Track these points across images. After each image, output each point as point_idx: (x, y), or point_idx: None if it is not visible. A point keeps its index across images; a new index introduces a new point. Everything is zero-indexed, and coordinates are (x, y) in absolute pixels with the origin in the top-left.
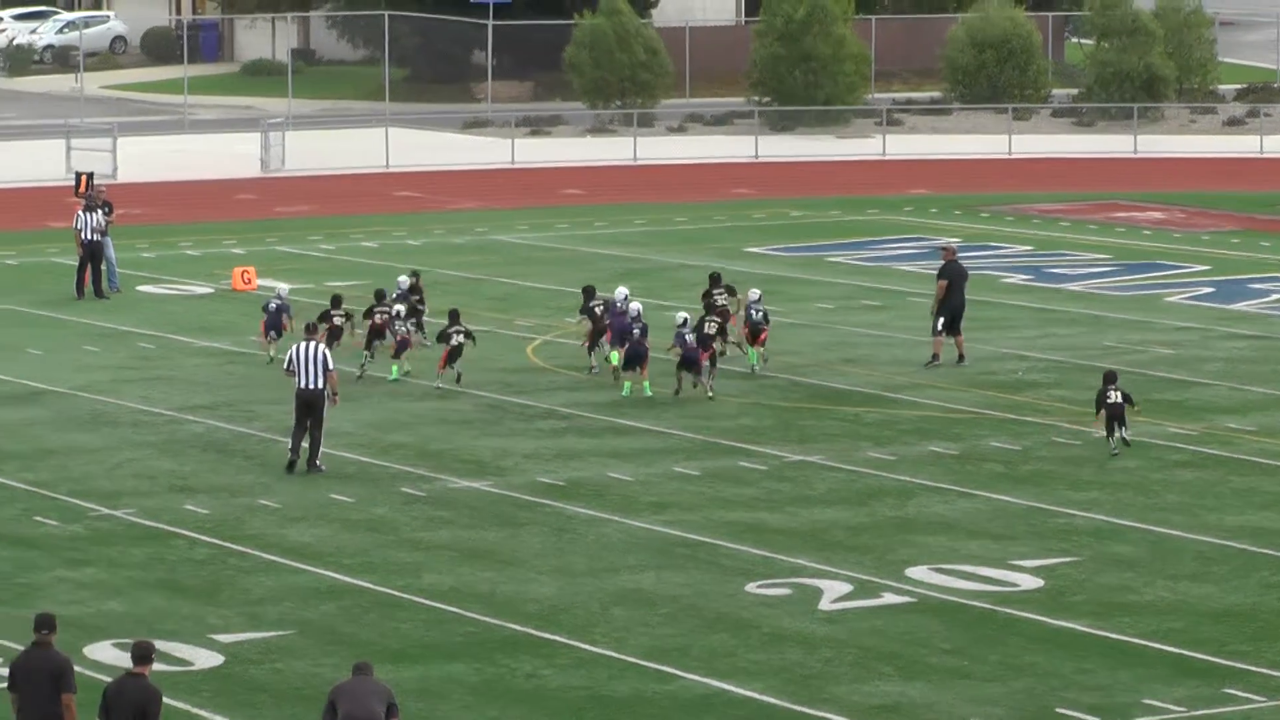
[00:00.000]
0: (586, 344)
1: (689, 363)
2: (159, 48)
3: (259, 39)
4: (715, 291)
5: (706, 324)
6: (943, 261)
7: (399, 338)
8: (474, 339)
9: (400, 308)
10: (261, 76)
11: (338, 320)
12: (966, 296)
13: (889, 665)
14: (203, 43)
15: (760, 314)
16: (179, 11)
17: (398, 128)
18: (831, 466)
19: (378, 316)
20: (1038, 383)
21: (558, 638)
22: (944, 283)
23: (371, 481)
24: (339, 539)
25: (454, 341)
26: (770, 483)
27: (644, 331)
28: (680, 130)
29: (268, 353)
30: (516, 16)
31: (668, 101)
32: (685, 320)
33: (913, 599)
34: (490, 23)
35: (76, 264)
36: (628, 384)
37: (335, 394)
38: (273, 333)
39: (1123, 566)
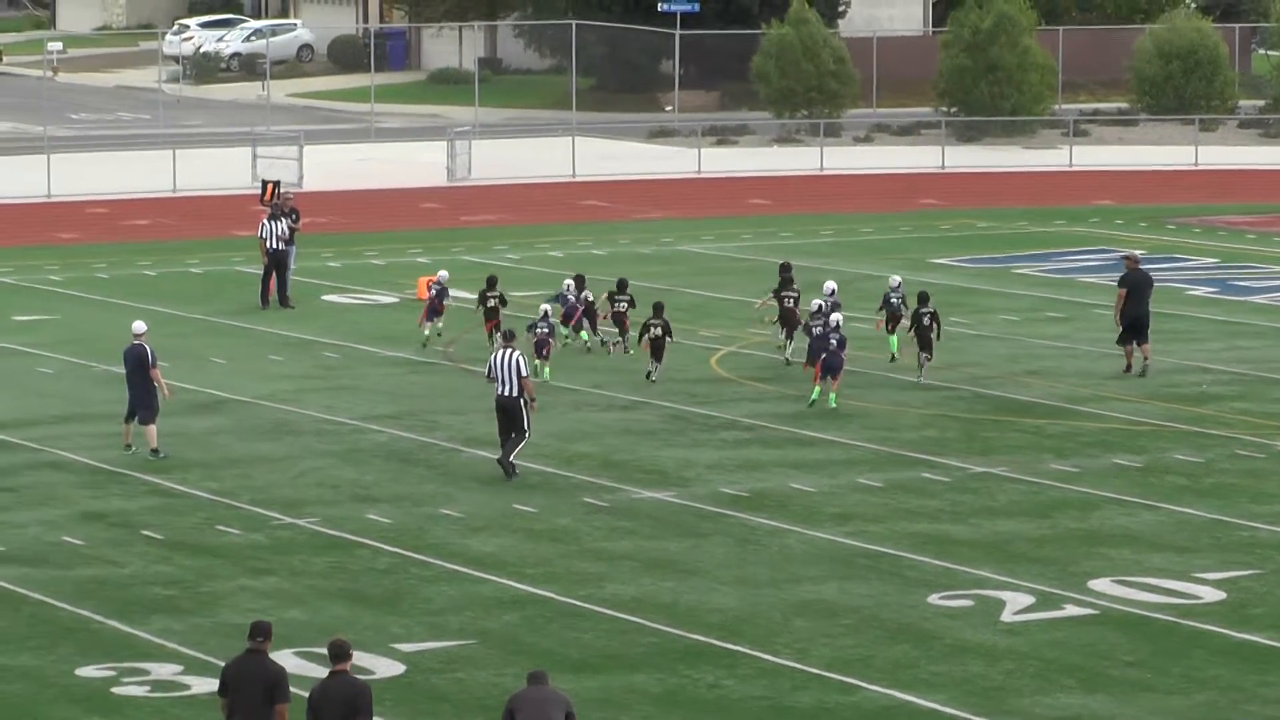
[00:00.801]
0: (777, 328)
1: (828, 366)
2: (345, 56)
3: (446, 47)
4: (787, 295)
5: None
6: (1125, 269)
7: (538, 337)
8: (670, 334)
9: (546, 307)
10: (448, 85)
11: (491, 302)
12: (1151, 306)
13: (1071, 678)
14: (389, 51)
15: (899, 300)
16: (366, 20)
17: (584, 137)
18: (1014, 478)
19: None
20: (1221, 395)
21: (740, 648)
22: (1123, 291)
23: (555, 492)
24: (521, 549)
25: (653, 334)
26: (953, 494)
27: (841, 343)
28: (866, 140)
29: (424, 332)
30: (703, 26)
31: (854, 111)
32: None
33: (1095, 611)
34: (677, 32)
35: (261, 272)
36: (817, 390)
37: (532, 399)
38: (435, 317)
39: None
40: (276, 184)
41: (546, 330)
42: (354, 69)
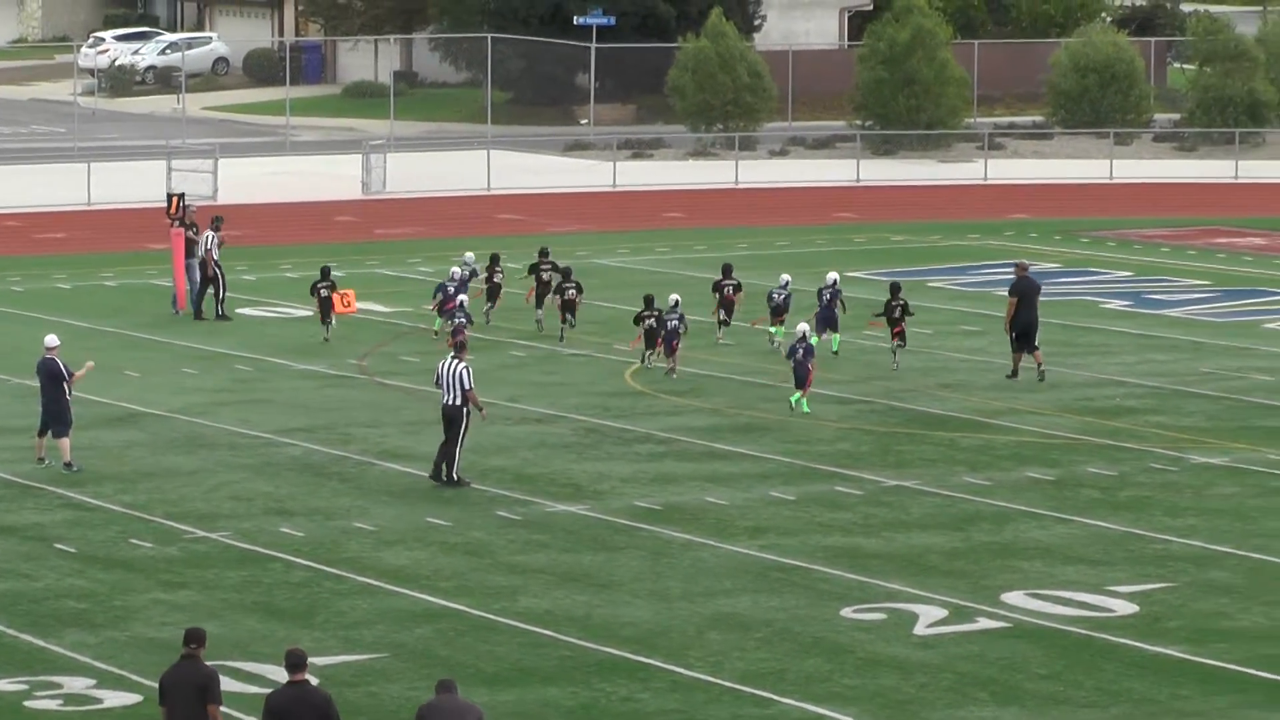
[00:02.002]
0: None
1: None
2: (261, 69)
3: (361, 61)
4: (726, 282)
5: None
6: (1014, 277)
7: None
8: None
9: (464, 298)
10: (364, 98)
11: (497, 279)
12: (1039, 314)
13: (984, 691)
14: (305, 64)
15: (783, 298)
16: (281, 33)
17: (499, 150)
18: (928, 491)
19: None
20: (1135, 409)
21: (654, 661)
22: (1014, 299)
23: (469, 505)
24: (435, 562)
25: (567, 295)
26: (867, 507)
27: (808, 351)
28: (782, 154)
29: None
30: (620, 39)
31: (770, 125)
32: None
33: (1009, 624)
34: (593, 45)
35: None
36: (795, 397)
37: (480, 409)
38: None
39: (1219, 592)
40: (181, 197)
41: (464, 321)
42: (269, 82)
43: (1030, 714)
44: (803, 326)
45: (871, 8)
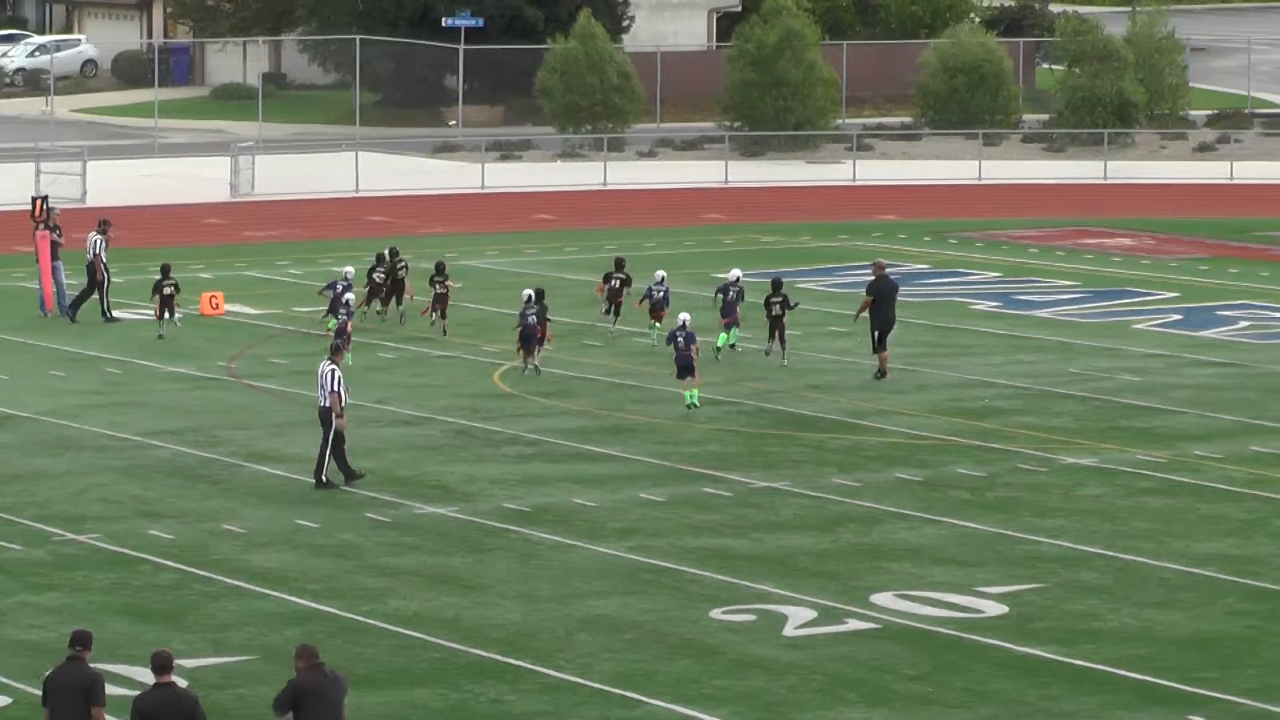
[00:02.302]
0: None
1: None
2: (130, 71)
3: (230, 63)
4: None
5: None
6: (873, 276)
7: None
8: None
9: (350, 296)
10: (232, 100)
11: (439, 289)
12: (897, 313)
13: (854, 692)
14: (174, 66)
15: (661, 294)
16: (150, 35)
17: (368, 152)
18: (797, 493)
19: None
20: (1004, 409)
21: (523, 663)
22: (869, 298)
23: (338, 507)
24: (305, 564)
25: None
26: (736, 509)
27: (689, 338)
28: (651, 155)
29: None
30: (488, 41)
31: (639, 126)
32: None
33: (878, 625)
34: (461, 47)
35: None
36: (689, 393)
37: (339, 415)
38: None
39: (1089, 593)
40: (45, 199)
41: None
42: (139, 84)
43: (900, 715)
44: (684, 316)
45: (740, 9)
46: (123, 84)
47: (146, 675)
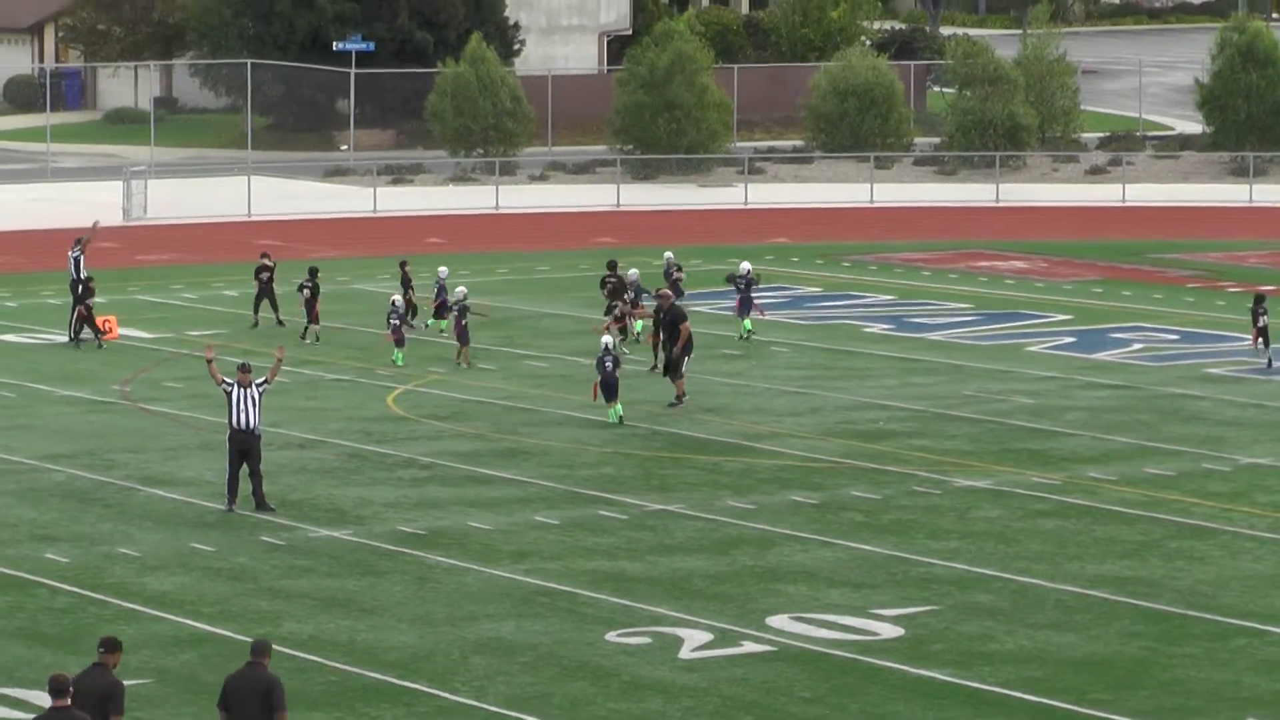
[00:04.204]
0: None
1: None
2: (21, 95)
3: (122, 87)
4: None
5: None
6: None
7: None
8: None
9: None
10: (124, 124)
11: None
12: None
13: (749, 714)
14: (65, 90)
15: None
16: (41, 59)
17: (260, 176)
18: (692, 515)
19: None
20: (897, 432)
21: (418, 686)
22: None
23: (232, 530)
24: (199, 587)
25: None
26: (630, 531)
27: (616, 362)
28: (542, 179)
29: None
30: (379, 65)
31: (530, 150)
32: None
33: (773, 648)
34: (352, 71)
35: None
36: (612, 411)
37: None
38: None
39: (984, 615)
40: None
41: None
42: (30, 108)
43: None
44: (606, 339)
45: (631, 32)
46: (14, 108)
47: (43, 699)
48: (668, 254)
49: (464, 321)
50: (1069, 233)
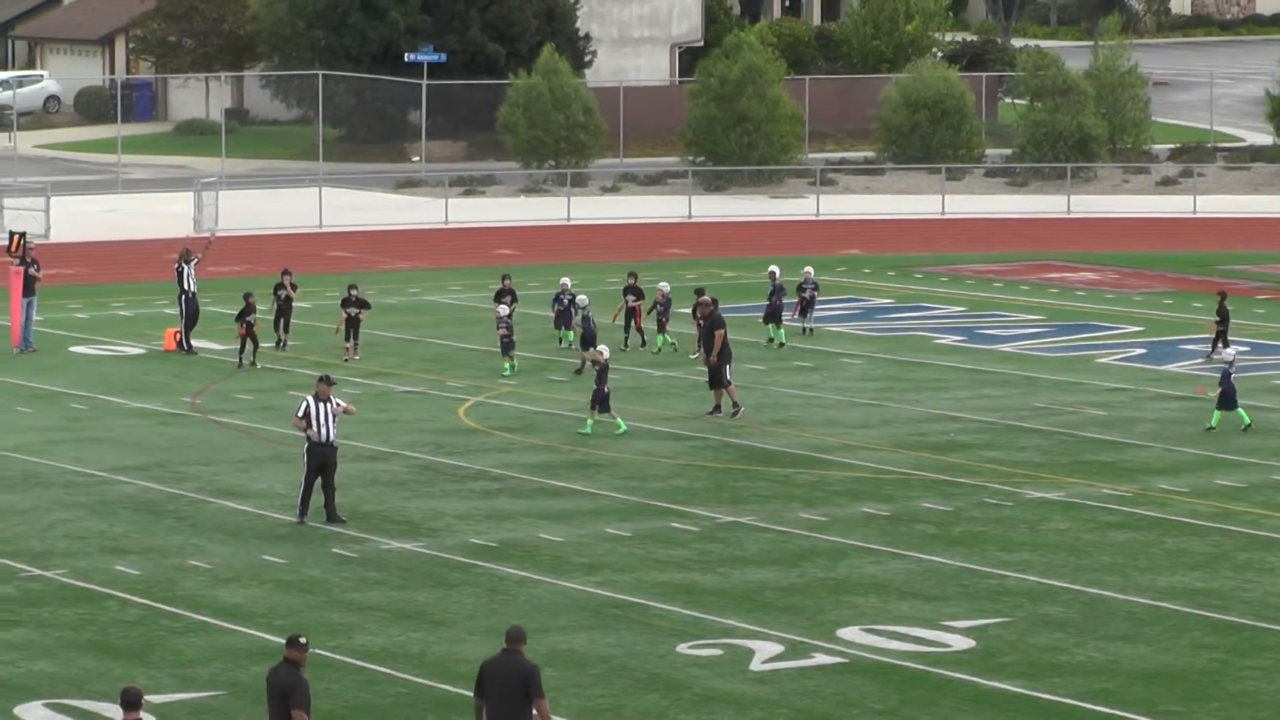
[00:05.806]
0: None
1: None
2: (93, 107)
3: (193, 98)
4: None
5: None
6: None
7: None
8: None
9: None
10: (195, 136)
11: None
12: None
13: None
14: (136, 102)
15: (812, 290)
16: (113, 71)
17: (331, 188)
18: (763, 527)
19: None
20: (969, 444)
21: None
22: (721, 331)
23: (304, 542)
24: (271, 600)
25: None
26: (702, 544)
27: (602, 375)
28: (614, 190)
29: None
30: (451, 76)
31: (602, 161)
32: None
33: (844, 660)
34: (424, 82)
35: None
36: (590, 422)
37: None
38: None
39: (1054, 627)
40: (23, 235)
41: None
42: (101, 120)
43: None
44: (603, 348)
45: (702, 44)
46: (85, 120)
47: (115, 711)
48: (807, 269)
49: (590, 327)
50: (1140, 244)
